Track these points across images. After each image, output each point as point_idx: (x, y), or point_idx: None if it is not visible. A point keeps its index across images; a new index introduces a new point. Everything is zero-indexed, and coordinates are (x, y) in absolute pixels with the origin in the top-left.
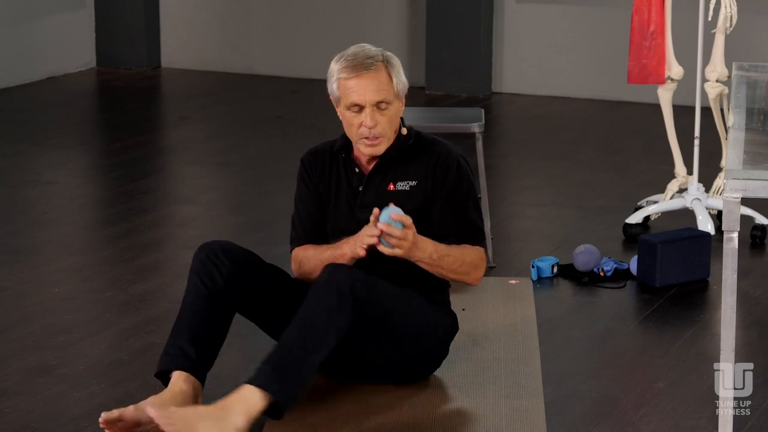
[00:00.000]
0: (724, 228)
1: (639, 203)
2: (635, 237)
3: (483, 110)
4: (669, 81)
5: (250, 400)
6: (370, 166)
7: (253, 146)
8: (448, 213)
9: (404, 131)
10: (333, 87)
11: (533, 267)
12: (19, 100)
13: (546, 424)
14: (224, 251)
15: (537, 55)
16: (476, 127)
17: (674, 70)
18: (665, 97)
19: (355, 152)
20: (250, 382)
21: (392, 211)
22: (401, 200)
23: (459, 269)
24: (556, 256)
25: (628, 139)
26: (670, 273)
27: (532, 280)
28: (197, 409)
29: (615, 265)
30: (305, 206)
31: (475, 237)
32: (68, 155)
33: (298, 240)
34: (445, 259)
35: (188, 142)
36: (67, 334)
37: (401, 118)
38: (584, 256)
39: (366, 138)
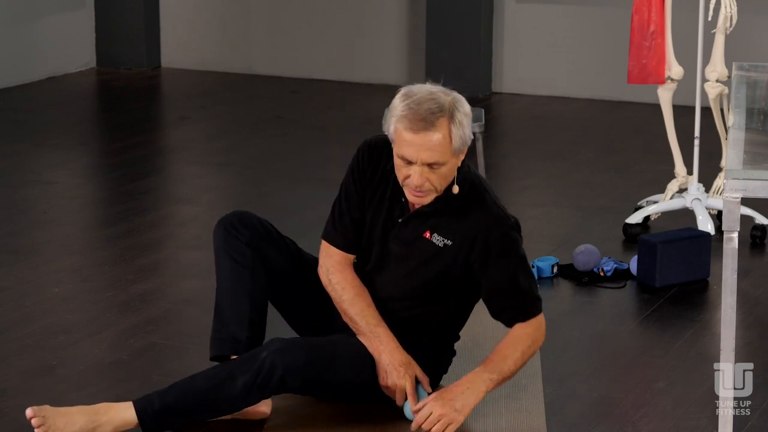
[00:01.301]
0: (724, 228)
1: (639, 203)
2: (635, 237)
3: (483, 110)
4: (669, 81)
5: (123, 414)
6: (416, 205)
7: (253, 146)
8: (497, 291)
9: (455, 189)
10: (389, 126)
11: (533, 267)
12: (19, 100)
13: (546, 424)
14: (241, 221)
15: (537, 55)
16: (476, 127)
17: (674, 70)
18: (665, 97)
19: None
20: (136, 400)
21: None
22: (432, 252)
23: (523, 363)
24: (556, 256)
25: (628, 139)
26: (670, 273)
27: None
28: (71, 408)
29: (615, 265)
30: (348, 202)
31: (528, 311)
32: (68, 155)
33: (334, 236)
34: (503, 371)
35: (188, 142)
36: (67, 334)
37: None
38: (584, 256)
39: (412, 189)
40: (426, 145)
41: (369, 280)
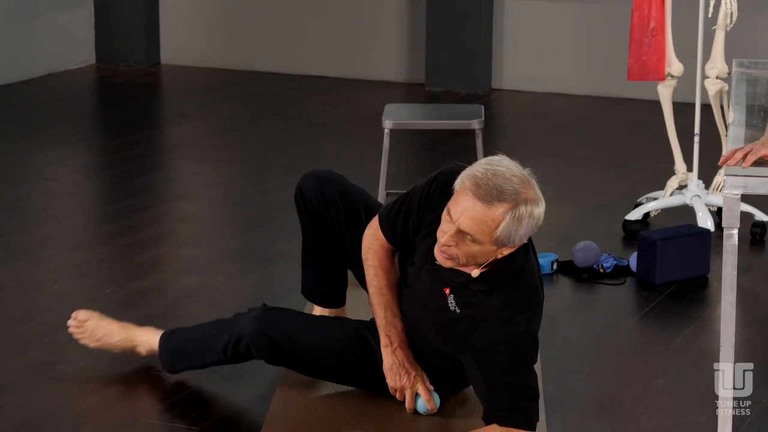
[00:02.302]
0: (723, 225)
1: (639, 200)
2: (635, 234)
3: (483, 107)
4: (669, 78)
5: (151, 341)
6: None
7: (253, 143)
8: (485, 385)
9: (475, 273)
10: (458, 181)
11: None
12: (19, 96)
13: (546, 421)
14: (308, 184)
15: (537, 51)
16: (476, 124)
17: (674, 66)
18: (665, 93)
19: None
20: (163, 332)
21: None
22: (444, 308)
23: None
24: (555, 252)
25: (628, 135)
26: (670, 270)
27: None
28: (114, 322)
29: (615, 262)
30: (408, 214)
31: (510, 419)
32: (68, 152)
33: (384, 224)
34: None
35: (188, 138)
36: (66, 331)
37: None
38: (584, 252)
39: (439, 245)
40: (472, 213)
41: (404, 277)
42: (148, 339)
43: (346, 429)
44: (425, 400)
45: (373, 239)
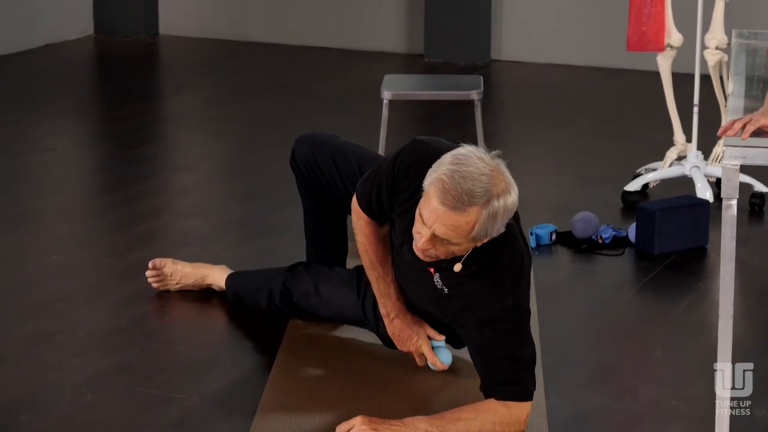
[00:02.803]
0: (722, 195)
1: (638, 171)
2: (634, 204)
3: (482, 78)
4: (668, 48)
5: (220, 282)
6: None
7: (252, 114)
8: (479, 357)
9: (457, 268)
10: (428, 177)
11: (532, 234)
12: (17, 67)
13: (544, 392)
14: (300, 148)
15: (536, 22)
16: (475, 95)
17: (674, 37)
18: (665, 64)
19: None
20: (229, 275)
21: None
22: (431, 285)
23: None
24: (554, 223)
25: (627, 106)
26: (669, 240)
27: (531, 248)
28: (186, 265)
29: (613, 233)
30: (379, 192)
31: (509, 392)
32: (66, 123)
33: (362, 200)
34: (450, 429)
35: (186, 109)
36: (66, 302)
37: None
38: (583, 223)
39: (417, 246)
40: (445, 221)
41: (395, 253)
42: (218, 279)
43: (345, 400)
44: (431, 362)
45: (357, 216)
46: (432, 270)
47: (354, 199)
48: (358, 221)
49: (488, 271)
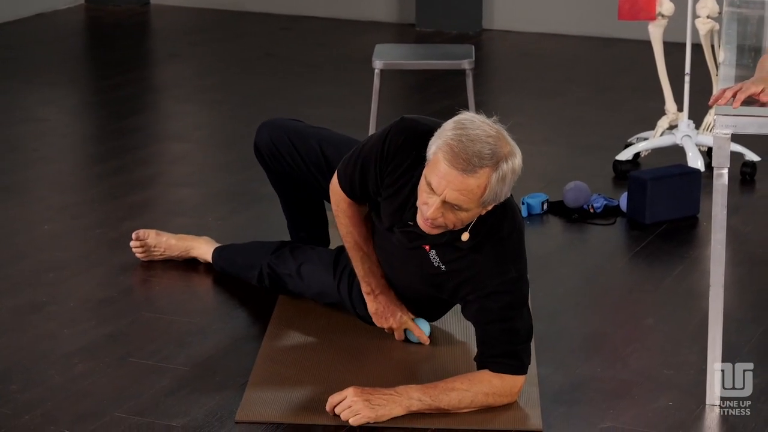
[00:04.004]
0: (713, 164)
1: (629, 140)
2: (625, 174)
3: (473, 47)
4: (660, 17)
5: (206, 255)
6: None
7: (244, 83)
8: (479, 331)
9: (465, 237)
10: (431, 147)
11: (523, 204)
12: (8, 37)
13: (536, 361)
14: (259, 137)
15: None
16: (466, 64)
17: (665, 6)
18: (656, 33)
19: None
20: (215, 249)
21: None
22: (427, 263)
23: (470, 406)
24: (546, 192)
25: (619, 76)
26: (660, 209)
27: (522, 217)
28: (171, 236)
29: (605, 202)
30: (363, 173)
31: (502, 365)
32: (58, 93)
33: (344, 182)
34: (441, 401)
35: (178, 79)
36: (57, 272)
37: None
38: (574, 192)
39: (424, 217)
40: (456, 185)
41: (375, 229)
42: (204, 252)
43: (337, 369)
44: (417, 335)
45: (338, 198)
46: (427, 247)
47: (334, 180)
48: (340, 203)
49: (490, 243)
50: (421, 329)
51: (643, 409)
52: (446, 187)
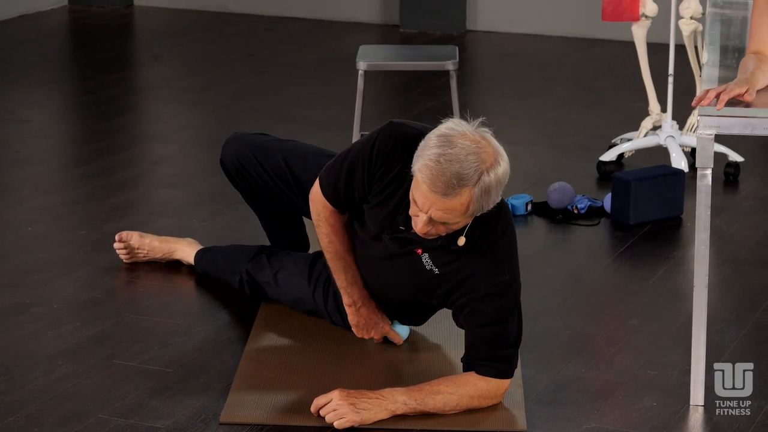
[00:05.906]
0: (697, 165)
1: (613, 141)
2: (609, 174)
3: (457, 48)
4: (643, 18)
5: (188, 257)
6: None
7: (228, 84)
8: (468, 334)
9: (461, 242)
10: (415, 162)
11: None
12: None
13: (521, 362)
14: (225, 154)
15: None
16: (450, 65)
17: (648, 7)
18: (639, 34)
19: None
20: (197, 251)
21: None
22: (419, 268)
23: (455, 409)
24: (530, 193)
25: (603, 76)
26: (644, 210)
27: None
28: (154, 238)
29: (589, 203)
30: (350, 179)
31: (489, 368)
32: (41, 94)
33: (327, 189)
34: (426, 405)
35: (162, 80)
36: (41, 273)
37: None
38: (558, 193)
39: (417, 228)
40: (439, 206)
41: (358, 241)
42: (187, 255)
43: (322, 372)
44: (397, 342)
45: (320, 207)
46: (420, 251)
47: (315, 188)
48: (322, 211)
49: (484, 245)
50: (400, 335)
51: (627, 410)
52: (430, 207)
